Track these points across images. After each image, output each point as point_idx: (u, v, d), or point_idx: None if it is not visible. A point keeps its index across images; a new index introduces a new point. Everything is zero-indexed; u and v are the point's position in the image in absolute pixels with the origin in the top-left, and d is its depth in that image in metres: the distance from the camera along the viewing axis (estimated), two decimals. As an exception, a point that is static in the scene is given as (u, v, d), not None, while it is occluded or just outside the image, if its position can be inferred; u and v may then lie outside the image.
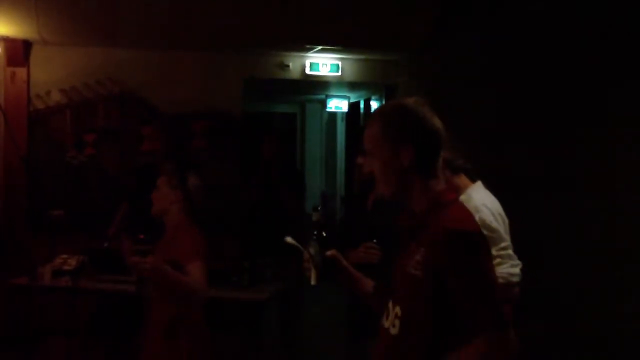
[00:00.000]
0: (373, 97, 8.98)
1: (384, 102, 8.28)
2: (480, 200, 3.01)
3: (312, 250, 2.26)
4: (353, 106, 9.92)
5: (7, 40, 6.50)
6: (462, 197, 2.94)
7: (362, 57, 7.61)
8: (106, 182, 6.80)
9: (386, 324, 2.10)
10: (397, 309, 2.06)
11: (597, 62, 4.52)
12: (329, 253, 2.29)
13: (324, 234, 2.39)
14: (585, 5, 4.64)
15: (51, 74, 6.81)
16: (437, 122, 2.06)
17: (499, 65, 5.61)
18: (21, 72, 6.67)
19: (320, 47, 7.12)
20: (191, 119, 7.01)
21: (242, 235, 6.14)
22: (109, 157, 6.88)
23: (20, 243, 6.35)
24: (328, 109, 10.13)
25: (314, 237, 2.32)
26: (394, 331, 2.05)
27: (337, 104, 9.89)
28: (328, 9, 6.25)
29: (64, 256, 5.24)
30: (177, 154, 6.47)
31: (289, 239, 2.33)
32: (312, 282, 2.28)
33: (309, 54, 7.43)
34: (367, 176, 2.16)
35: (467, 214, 2.06)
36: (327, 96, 9.79)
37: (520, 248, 3.07)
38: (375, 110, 2.19)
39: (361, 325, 3.30)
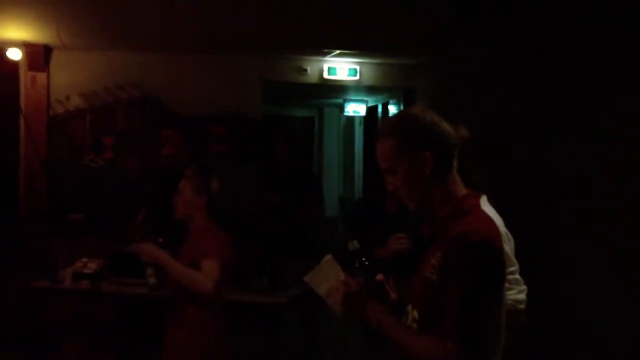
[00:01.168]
0: (391, 101, 8.96)
1: (401, 107, 8.27)
2: None
3: (360, 282, 2.15)
4: (371, 110, 9.91)
5: (27, 45, 6.57)
6: None
7: (380, 61, 7.60)
8: (125, 186, 6.82)
9: None
10: (415, 313, 2.05)
11: (597, 62, 4.51)
12: (378, 277, 2.25)
13: (365, 261, 2.34)
14: (586, 6, 4.63)
15: (71, 79, 6.88)
16: (445, 125, 2.06)
17: (511, 66, 5.60)
18: (41, 76, 6.74)
19: (338, 51, 7.13)
20: (210, 122, 7.03)
21: (262, 238, 6.14)
22: (128, 161, 6.91)
23: (39, 246, 6.40)
24: (346, 113, 10.12)
25: (357, 266, 2.26)
26: None
27: (355, 108, 9.88)
28: (345, 13, 6.25)
29: (84, 259, 5.27)
30: (199, 158, 6.48)
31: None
32: None
33: (327, 58, 7.45)
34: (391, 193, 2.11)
35: (488, 222, 2.03)
36: (345, 100, 9.78)
37: (520, 248, 3.05)
38: (382, 127, 2.14)
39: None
